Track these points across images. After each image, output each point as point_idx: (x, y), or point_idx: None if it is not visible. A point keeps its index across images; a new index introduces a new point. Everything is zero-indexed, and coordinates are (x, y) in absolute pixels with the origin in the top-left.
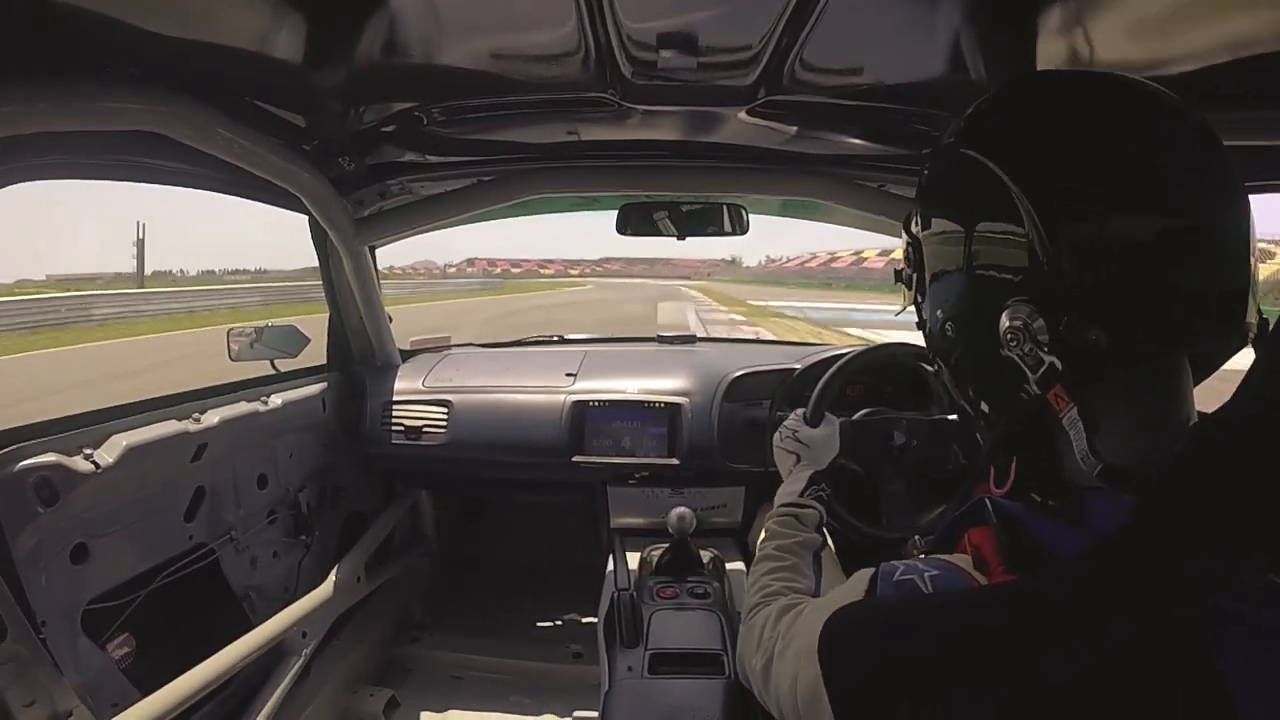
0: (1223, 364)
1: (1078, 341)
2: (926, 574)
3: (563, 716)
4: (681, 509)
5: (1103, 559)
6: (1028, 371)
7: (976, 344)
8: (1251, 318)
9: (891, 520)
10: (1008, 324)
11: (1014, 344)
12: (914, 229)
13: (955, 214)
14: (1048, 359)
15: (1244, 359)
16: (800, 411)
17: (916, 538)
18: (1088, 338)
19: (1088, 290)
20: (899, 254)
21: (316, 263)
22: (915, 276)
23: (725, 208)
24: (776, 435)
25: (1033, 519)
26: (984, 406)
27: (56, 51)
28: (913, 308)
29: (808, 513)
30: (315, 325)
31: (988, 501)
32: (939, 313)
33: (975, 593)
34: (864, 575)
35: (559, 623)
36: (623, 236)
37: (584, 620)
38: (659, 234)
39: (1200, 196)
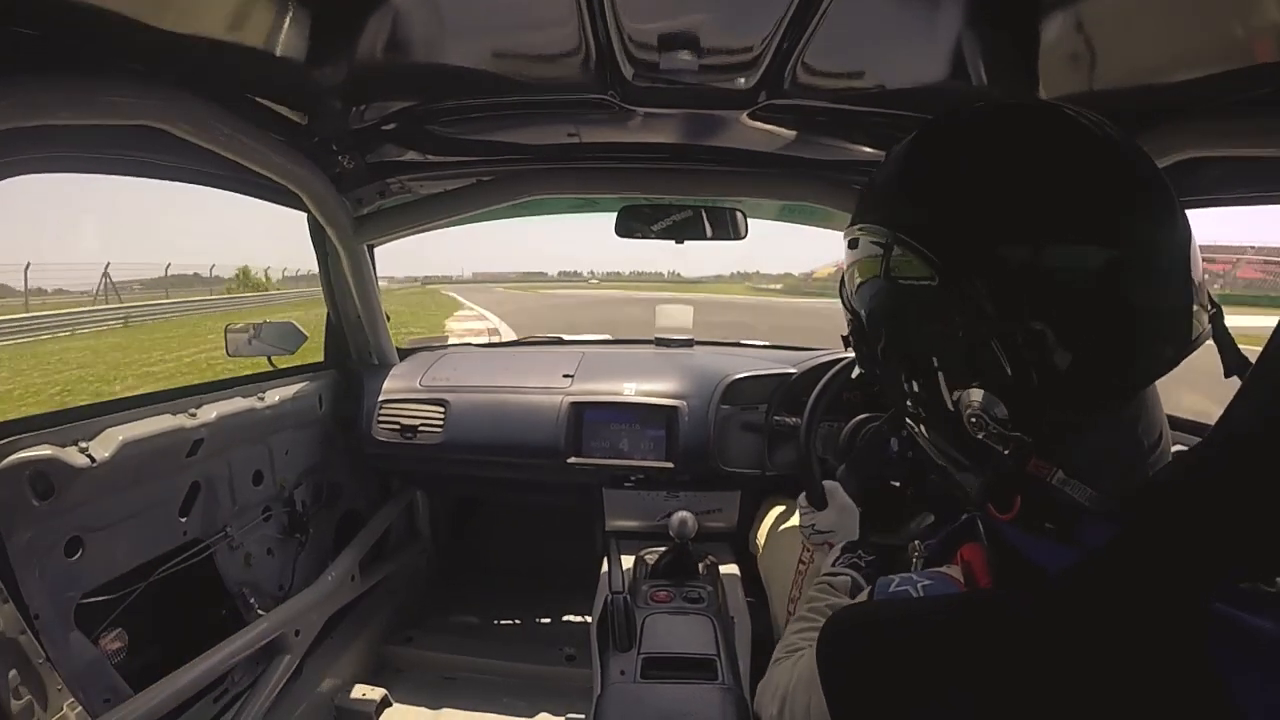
0: (1175, 367)
1: (1038, 420)
2: (919, 583)
3: (555, 719)
4: (683, 513)
5: (1103, 565)
6: (998, 449)
7: (945, 423)
8: (1201, 326)
9: (893, 527)
10: (967, 412)
11: (978, 429)
12: (851, 303)
13: (886, 292)
14: (1013, 435)
15: None
16: (803, 498)
17: (917, 541)
18: (1047, 416)
19: (1037, 340)
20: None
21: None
22: (865, 350)
23: (725, 212)
24: (803, 536)
25: (1022, 537)
26: (967, 474)
27: (59, 46)
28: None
29: (840, 579)
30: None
31: (979, 520)
32: (899, 393)
33: (974, 593)
34: (863, 595)
35: (553, 625)
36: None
37: (578, 622)
38: (658, 237)
39: (1137, 224)
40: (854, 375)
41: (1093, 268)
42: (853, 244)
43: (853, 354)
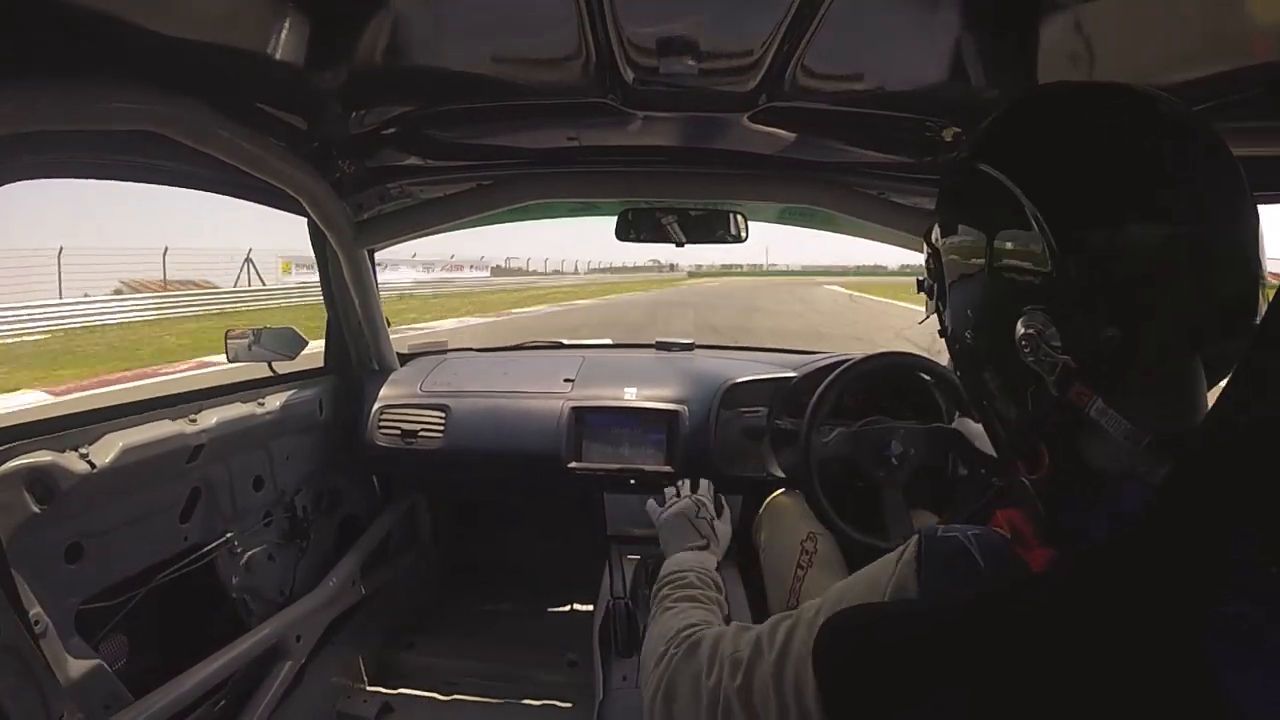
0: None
1: (1089, 342)
2: (969, 532)
3: None
4: None
5: (1111, 560)
6: (1044, 375)
7: (995, 350)
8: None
9: (891, 530)
10: (1022, 331)
11: (1028, 351)
12: (934, 240)
13: (970, 225)
14: (1061, 359)
15: None
16: (707, 488)
17: (934, 523)
18: (1099, 337)
19: (1097, 296)
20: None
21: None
22: (936, 286)
23: (726, 214)
24: (691, 508)
25: (1064, 499)
26: (1004, 409)
27: (58, 51)
28: (935, 317)
29: (720, 594)
30: None
31: (1025, 482)
32: (958, 321)
33: (974, 598)
34: (910, 545)
35: (554, 630)
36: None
37: (580, 627)
38: (659, 240)
39: (1204, 204)
40: (854, 378)
41: (1176, 244)
42: (947, 176)
43: (852, 357)
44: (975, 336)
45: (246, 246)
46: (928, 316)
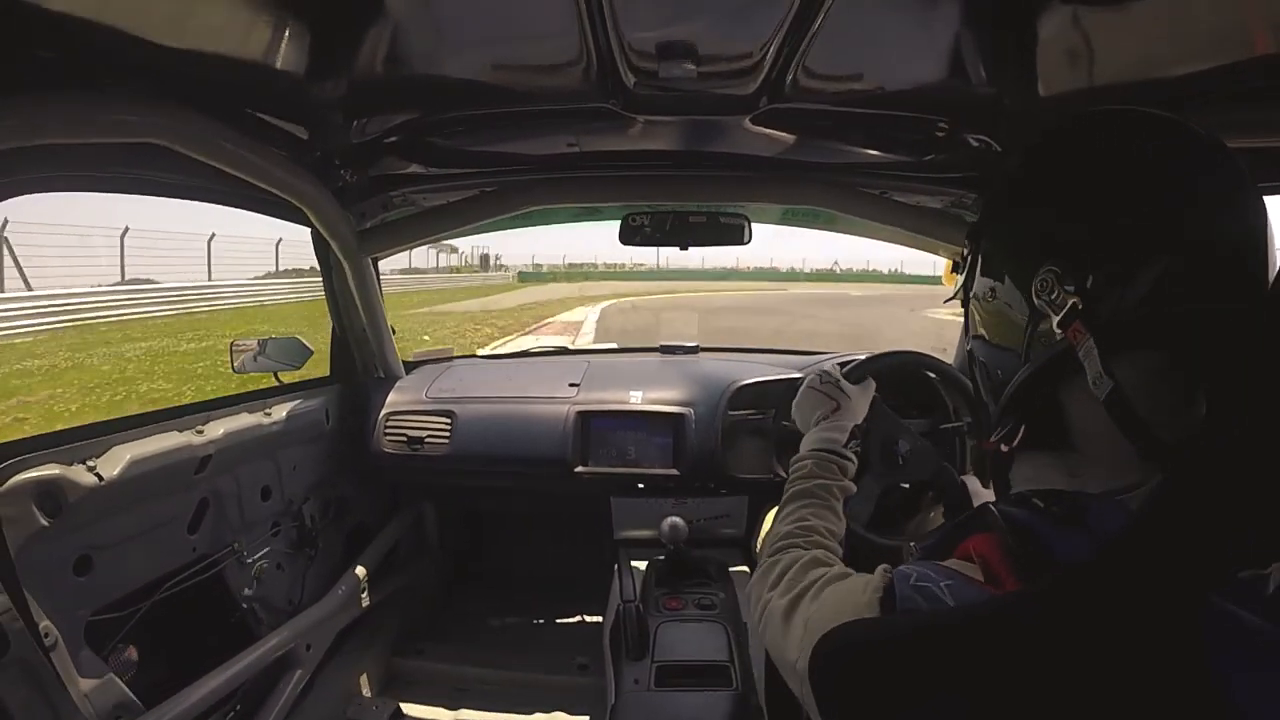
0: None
1: (1099, 292)
2: (942, 583)
3: None
4: (673, 518)
5: (1111, 567)
6: (1052, 315)
7: (1011, 298)
8: None
9: (854, 510)
10: (1040, 275)
11: (1043, 290)
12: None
13: (1014, 212)
14: (1071, 299)
15: None
16: (838, 363)
17: (913, 544)
18: (1109, 291)
19: (1113, 268)
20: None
21: None
22: (971, 259)
23: (728, 216)
24: (814, 378)
25: (1037, 524)
26: (1005, 358)
27: (61, 65)
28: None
29: (849, 465)
30: None
31: (993, 508)
32: (984, 281)
33: (978, 606)
34: (879, 577)
35: (565, 634)
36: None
37: (590, 631)
38: (663, 244)
39: (1225, 219)
40: (864, 372)
41: (1194, 255)
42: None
43: (858, 356)
44: (995, 293)
45: None
46: (955, 294)
